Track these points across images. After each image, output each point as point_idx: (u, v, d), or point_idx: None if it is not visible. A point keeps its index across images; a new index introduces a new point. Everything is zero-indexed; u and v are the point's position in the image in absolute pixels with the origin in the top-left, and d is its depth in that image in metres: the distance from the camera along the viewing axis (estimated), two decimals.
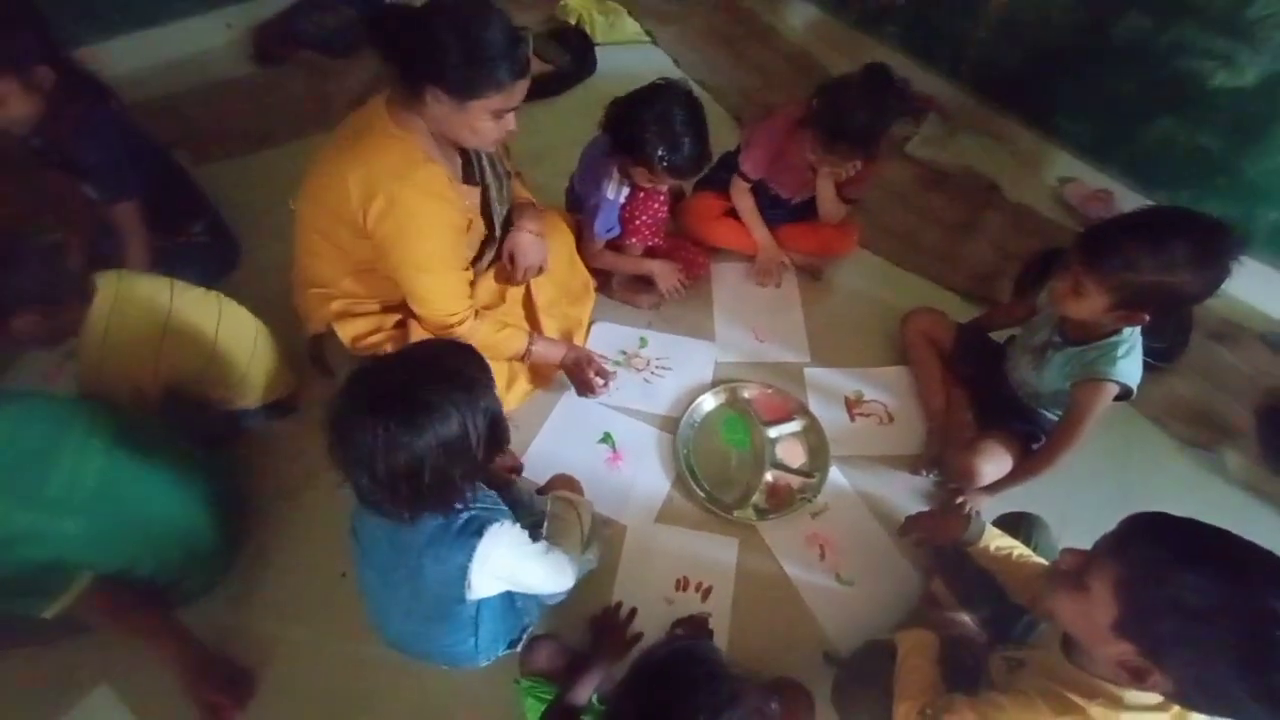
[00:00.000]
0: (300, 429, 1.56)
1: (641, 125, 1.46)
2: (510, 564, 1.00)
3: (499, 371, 1.50)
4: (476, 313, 1.36)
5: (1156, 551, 0.76)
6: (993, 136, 2.18)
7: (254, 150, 2.17)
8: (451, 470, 0.86)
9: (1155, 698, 0.81)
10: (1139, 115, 1.82)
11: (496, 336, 1.39)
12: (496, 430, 0.91)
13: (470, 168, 1.35)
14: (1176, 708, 0.82)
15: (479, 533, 0.94)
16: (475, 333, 1.34)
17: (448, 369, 0.87)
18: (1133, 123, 1.84)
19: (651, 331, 1.81)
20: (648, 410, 1.65)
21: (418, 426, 0.81)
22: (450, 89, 1.10)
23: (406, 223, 1.18)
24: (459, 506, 0.93)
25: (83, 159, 1.48)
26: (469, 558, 0.94)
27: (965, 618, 1.26)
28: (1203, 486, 1.53)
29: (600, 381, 1.55)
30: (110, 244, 1.55)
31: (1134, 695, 0.82)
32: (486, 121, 1.15)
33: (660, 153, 1.46)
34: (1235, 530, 0.73)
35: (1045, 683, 0.92)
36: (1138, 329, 1.23)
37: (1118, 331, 1.22)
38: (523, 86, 1.15)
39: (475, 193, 1.36)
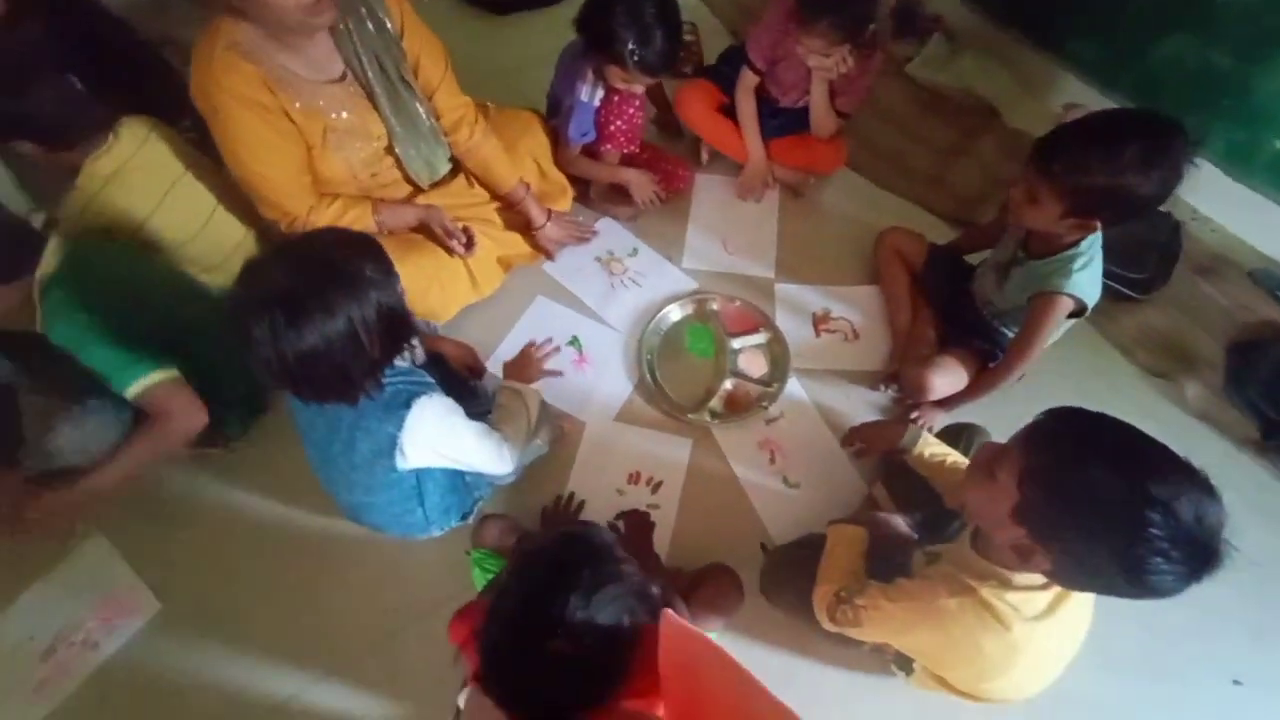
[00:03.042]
0: None
1: (612, 19, 1.43)
2: (440, 436, 1.03)
3: (458, 268, 1.52)
4: (323, 199, 1.36)
5: (1059, 443, 0.80)
6: (998, 58, 2.08)
7: None
8: (347, 366, 0.88)
9: (1039, 579, 0.86)
10: (1149, 33, 1.72)
11: (343, 222, 1.37)
12: (394, 325, 0.92)
13: (352, 69, 1.31)
14: (1055, 594, 0.87)
15: (407, 404, 0.98)
16: (318, 225, 1.32)
17: (335, 264, 0.87)
18: (1142, 41, 1.74)
19: (644, 246, 1.81)
20: (602, 313, 1.69)
21: (300, 325, 0.82)
22: None
23: (211, 119, 1.20)
24: (366, 397, 0.94)
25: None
26: (398, 428, 0.98)
27: (900, 520, 1.31)
28: (1159, 414, 1.53)
29: (455, 240, 1.49)
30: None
31: (1021, 577, 0.87)
32: None
33: (631, 47, 1.43)
34: (1185, 454, 0.75)
35: (949, 569, 0.97)
36: (1097, 244, 1.22)
37: (1075, 245, 1.20)
38: None
39: (345, 94, 1.31)
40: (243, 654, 1.27)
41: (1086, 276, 1.22)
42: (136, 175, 1.26)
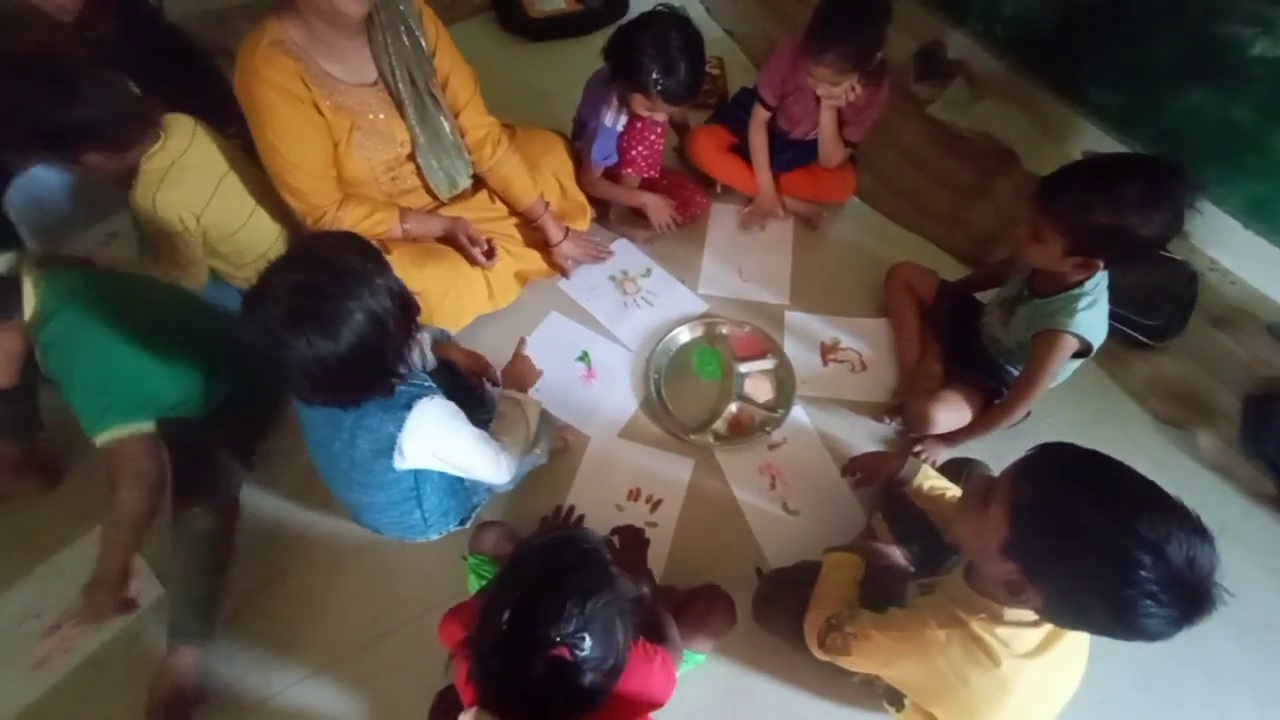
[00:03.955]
0: None
1: (638, 49, 1.49)
2: (439, 439, 1.05)
3: (476, 278, 1.57)
4: (346, 199, 1.41)
5: (1050, 479, 0.80)
6: (1018, 104, 2.11)
7: None
8: (382, 352, 0.92)
9: (1031, 615, 0.85)
10: (1171, 84, 1.74)
11: (366, 223, 1.42)
12: (406, 305, 0.96)
13: (385, 78, 1.38)
14: (1048, 632, 0.86)
15: (408, 405, 1.01)
16: (343, 222, 1.39)
17: (341, 266, 0.90)
18: (1163, 92, 1.76)
19: (658, 267, 1.85)
20: (613, 331, 1.72)
21: (336, 332, 0.86)
22: None
23: (248, 107, 1.27)
24: (396, 382, 0.98)
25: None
26: (398, 428, 1.00)
27: (897, 552, 1.29)
28: (1171, 464, 1.51)
29: (479, 251, 1.53)
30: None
31: (1012, 612, 0.86)
32: None
33: (655, 76, 1.48)
34: (1198, 506, 0.74)
35: (941, 600, 0.96)
36: (1102, 285, 1.22)
37: (1080, 284, 1.21)
38: None
39: (376, 99, 1.39)
40: (235, 645, 1.29)
41: (1090, 316, 1.22)
42: (189, 171, 1.32)
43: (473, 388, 1.44)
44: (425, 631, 1.27)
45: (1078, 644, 0.89)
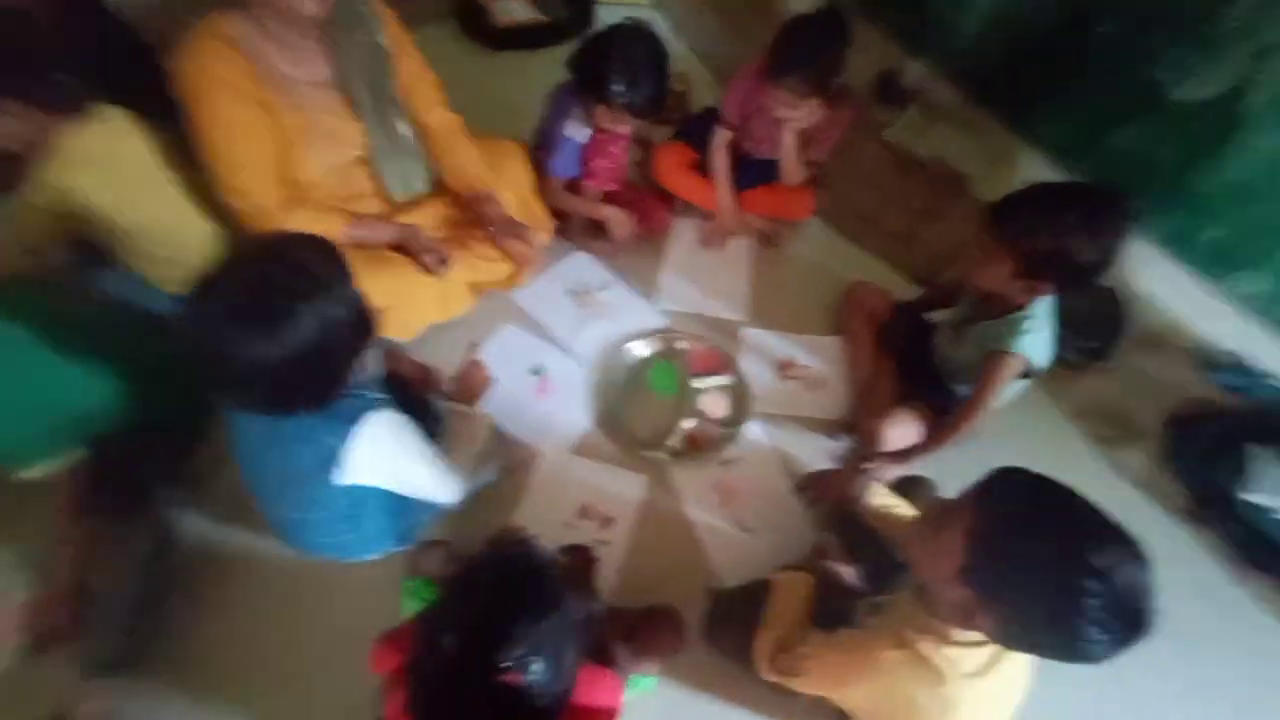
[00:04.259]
0: None
1: (602, 61, 1.48)
2: (386, 456, 1.01)
3: (427, 286, 1.52)
4: (291, 201, 1.34)
5: (1004, 506, 0.81)
6: (971, 133, 2.18)
7: None
8: (323, 363, 0.87)
9: (978, 635, 0.86)
10: (1107, 122, 1.83)
11: (315, 227, 1.30)
12: (361, 321, 0.92)
13: (340, 77, 1.34)
14: (993, 651, 0.87)
15: (354, 419, 0.95)
16: (288, 225, 1.31)
17: (299, 265, 0.86)
18: (1101, 130, 1.85)
19: (619, 281, 1.84)
20: (569, 345, 1.69)
21: (281, 332, 0.81)
22: None
23: (189, 101, 1.21)
24: (336, 397, 0.93)
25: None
26: (343, 442, 0.95)
27: (848, 570, 1.30)
28: (1101, 481, 1.57)
29: (433, 259, 1.48)
30: None
31: (960, 633, 0.87)
32: None
33: (619, 88, 1.47)
34: (1125, 522, 0.77)
35: (891, 621, 0.96)
36: (1046, 308, 1.26)
37: (1026, 307, 1.25)
38: None
39: (328, 99, 1.34)
40: (151, 681, 1.19)
41: (1034, 339, 1.26)
42: (111, 161, 1.24)
43: (419, 400, 1.39)
44: (359, 660, 1.20)
45: (1022, 661, 0.91)
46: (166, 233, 1.37)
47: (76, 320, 1.22)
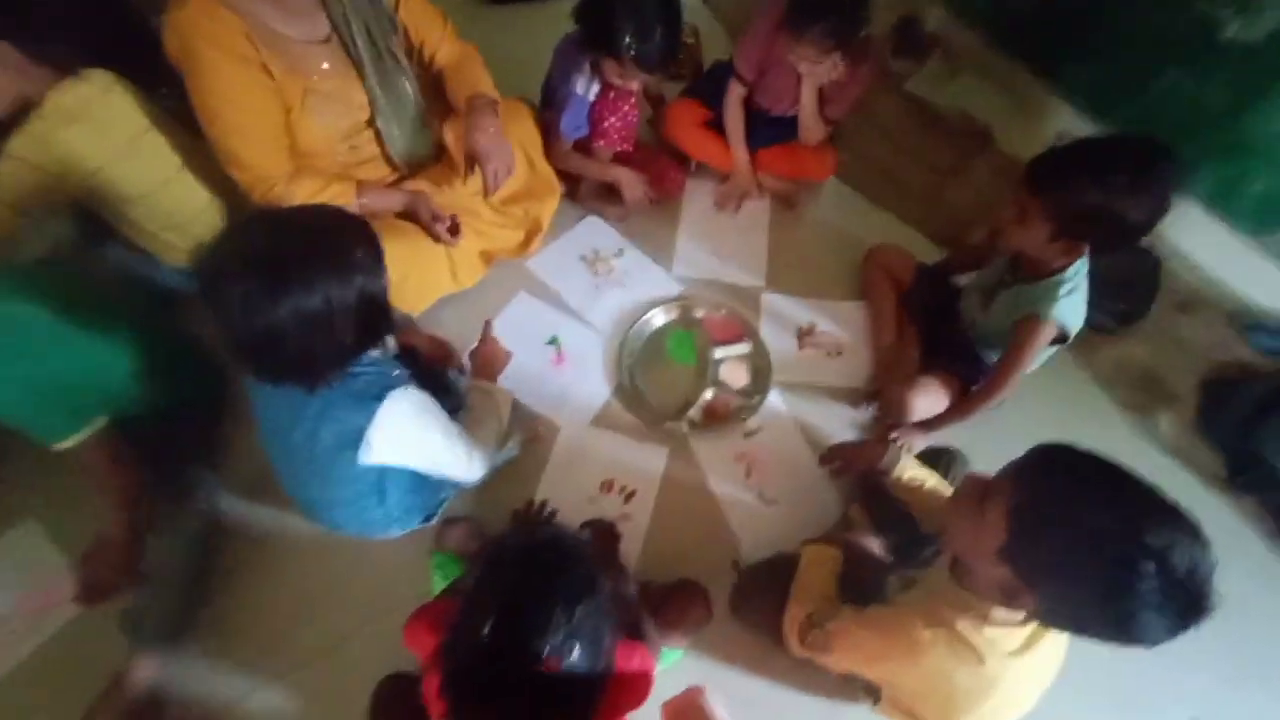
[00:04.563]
0: None
1: (611, 12, 1.39)
2: (411, 433, 0.99)
3: (438, 257, 1.47)
4: (298, 171, 1.28)
5: (1050, 484, 0.78)
6: (996, 82, 2.08)
7: None
8: (314, 348, 0.84)
9: (1018, 614, 0.84)
10: (1145, 65, 1.73)
11: (322, 197, 1.29)
12: (373, 314, 0.88)
13: (339, 34, 1.26)
14: (1032, 629, 0.85)
15: (379, 397, 0.93)
16: (294, 196, 1.26)
17: (324, 240, 0.83)
18: (1139, 74, 1.75)
19: (631, 246, 1.77)
20: (584, 314, 1.65)
21: (276, 295, 0.78)
22: None
23: (186, 66, 1.13)
24: (325, 386, 0.90)
25: None
26: (368, 420, 0.93)
27: (875, 542, 1.29)
28: (1132, 447, 1.54)
29: (442, 227, 1.41)
30: None
31: (1000, 612, 0.85)
32: None
33: (628, 41, 1.39)
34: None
35: (925, 597, 0.94)
36: (1083, 272, 1.21)
37: (1062, 270, 1.20)
38: None
39: (330, 58, 1.26)
40: (190, 653, 1.21)
41: (1070, 304, 1.21)
42: (99, 120, 1.20)
43: (437, 375, 1.35)
44: (388, 634, 1.19)
45: (1059, 639, 0.89)
46: (162, 201, 1.32)
47: (91, 299, 1.19)
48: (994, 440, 1.39)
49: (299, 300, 0.80)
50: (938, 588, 0.94)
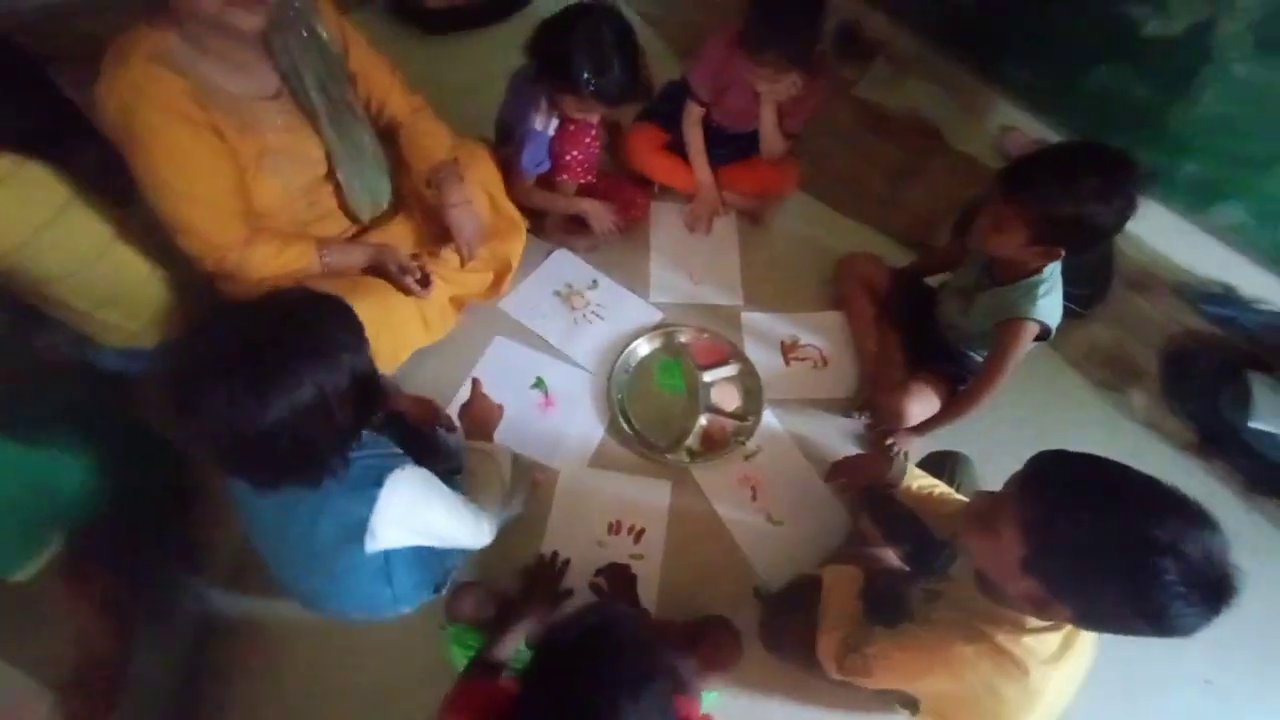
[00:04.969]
0: None
1: (567, 46, 1.36)
2: (416, 514, 0.94)
3: (409, 310, 1.41)
4: (258, 233, 1.21)
5: (1054, 493, 0.79)
6: (939, 83, 2.16)
7: None
8: (315, 441, 0.79)
9: (1052, 620, 0.85)
10: (1079, 63, 1.82)
11: (280, 259, 1.22)
12: (367, 393, 0.83)
13: (290, 87, 1.20)
14: (1069, 630, 0.86)
15: (378, 482, 0.88)
16: (251, 262, 1.19)
17: (300, 326, 0.78)
18: (1073, 71, 1.84)
19: (605, 277, 1.74)
20: (566, 351, 1.61)
21: (263, 395, 0.72)
22: None
23: (127, 134, 1.05)
24: (331, 477, 0.84)
25: None
26: (369, 509, 0.88)
27: (889, 553, 1.29)
28: (1111, 425, 1.60)
29: (412, 279, 1.35)
30: None
31: (1035, 620, 0.85)
32: None
33: (586, 75, 1.37)
34: (1133, 462, 0.76)
35: (958, 614, 0.95)
36: (1057, 270, 1.25)
37: (1039, 271, 1.24)
38: None
39: (282, 114, 1.20)
40: None
41: (1050, 302, 1.25)
42: (18, 191, 1.08)
43: (424, 438, 1.29)
44: (406, 715, 1.14)
45: (1091, 638, 0.91)
46: (94, 276, 1.21)
47: (24, 399, 1.09)
48: (982, 431, 1.44)
49: (289, 395, 0.74)
50: (968, 602, 0.95)
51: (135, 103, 1.03)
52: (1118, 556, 0.72)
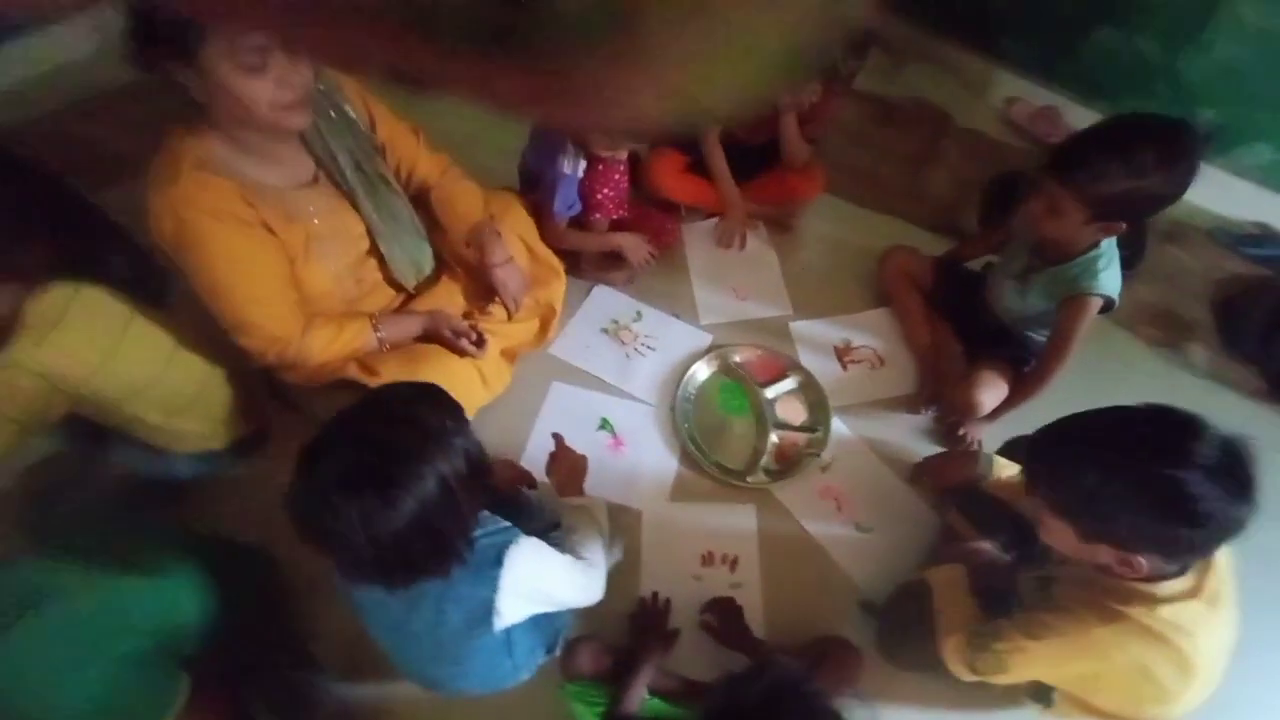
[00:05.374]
0: (267, 469, 1.44)
1: None
2: (537, 583, 0.95)
3: (469, 372, 1.41)
4: (313, 320, 1.23)
5: (1053, 470, 0.86)
6: (938, 64, 2.17)
7: None
8: (445, 530, 0.80)
9: (1184, 584, 0.85)
10: (1077, 27, 1.83)
11: (339, 342, 1.24)
12: (479, 469, 0.85)
13: (326, 170, 1.21)
14: (1208, 589, 0.86)
15: (498, 561, 0.89)
16: (310, 349, 1.21)
17: (409, 423, 0.79)
18: (1072, 36, 1.86)
19: (648, 307, 1.75)
20: (624, 387, 1.61)
21: (393, 499, 0.74)
22: (172, 46, 0.92)
23: (183, 245, 1.06)
24: (460, 562, 0.85)
25: None
26: (493, 590, 0.89)
27: (985, 544, 1.29)
28: (1172, 382, 1.61)
29: (467, 340, 1.37)
30: None
31: (1164, 588, 0.85)
32: (239, 79, 0.96)
33: None
34: (1205, 416, 0.80)
35: (1083, 592, 0.94)
36: (1113, 242, 1.26)
37: (1095, 245, 1.24)
38: None
39: (322, 198, 1.21)
40: None
41: (1111, 274, 1.26)
42: (81, 317, 1.08)
43: (512, 500, 1.30)
44: None
45: (1232, 596, 0.90)
46: (164, 386, 1.22)
47: (120, 523, 1.08)
48: (1044, 407, 1.42)
49: (416, 493, 0.75)
50: (1088, 581, 0.94)
51: (190, 214, 1.04)
52: (1145, 497, 0.77)
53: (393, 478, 0.74)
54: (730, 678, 0.73)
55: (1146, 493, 0.77)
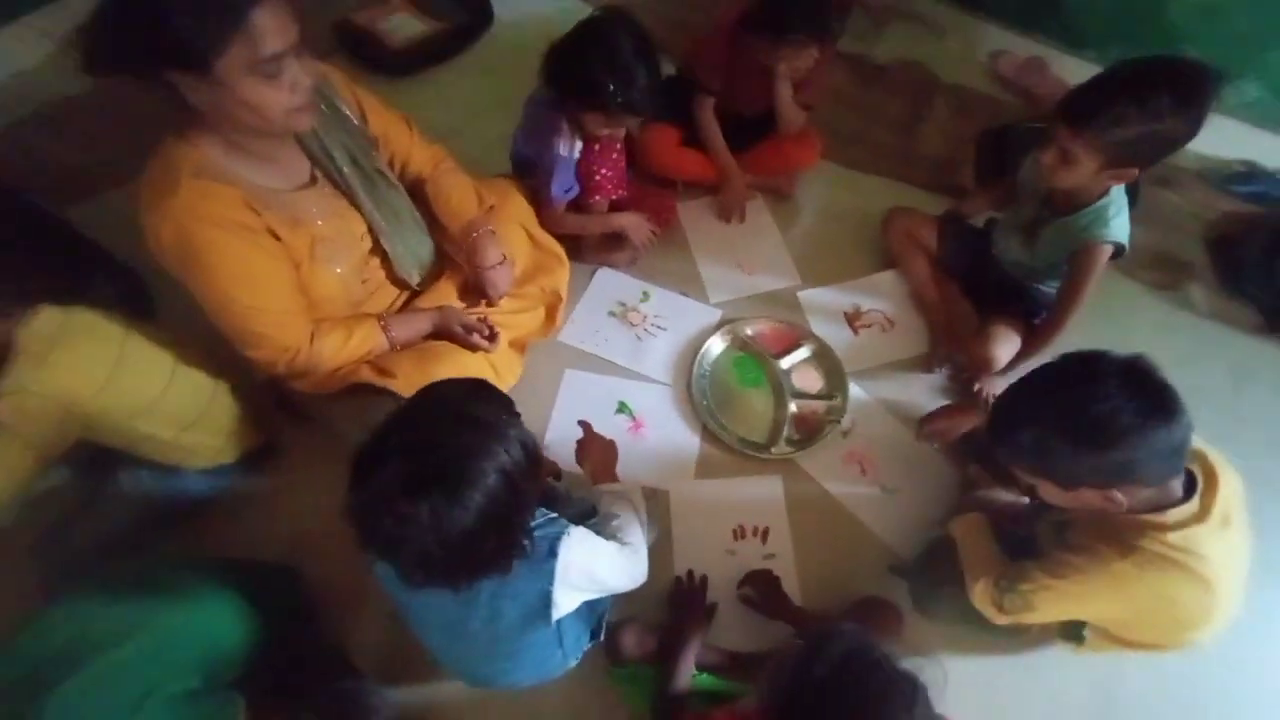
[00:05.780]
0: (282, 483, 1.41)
1: (588, 66, 1.33)
2: (589, 572, 0.95)
3: (481, 366, 1.38)
4: (320, 325, 1.19)
5: (1004, 435, 0.91)
6: (920, 23, 2.15)
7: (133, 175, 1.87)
8: (511, 521, 0.80)
9: (1190, 509, 0.88)
10: None
11: (348, 347, 1.21)
12: (534, 458, 0.83)
13: (322, 169, 1.17)
14: (1217, 511, 0.88)
15: (552, 552, 0.89)
16: (321, 356, 1.17)
17: (465, 420, 0.77)
18: None
19: (654, 286, 1.73)
20: (638, 369, 1.60)
21: (463, 497, 0.72)
22: (183, 57, 0.87)
23: (188, 259, 1.01)
24: (519, 552, 0.84)
25: None
26: (550, 581, 0.89)
27: (1005, 493, 1.31)
28: (1174, 323, 1.63)
29: (479, 335, 1.35)
30: None
31: (1172, 515, 0.87)
32: (256, 87, 0.92)
33: (613, 91, 1.34)
34: (1207, 354, 0.84)
35: (1098, 532, 0.96)
36: (1122, 189, 1.27)
37: (1105, 193, 1.25)
38: (271, 18, 0.89)
39: (322, 198, 1.17)
40: None
41: (1121, 221, 1.27)
42: (78, 336, 1.06)
43: (546, 491, 1.28)
44: None
45: (1243, 516, 0.92)
46: (171, 399, 1.18)
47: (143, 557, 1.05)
48: (1052, 357, 1.46)
49: (481, 488, 0.74)
50: (1099, 519, 0.96)
51: (193, 225, 0.99)
52: (1056, 428, 0.83)
53: (459, 476, 0.73)
54: (795, 652, 0.73)
55: (1067, 430, 0.82)
